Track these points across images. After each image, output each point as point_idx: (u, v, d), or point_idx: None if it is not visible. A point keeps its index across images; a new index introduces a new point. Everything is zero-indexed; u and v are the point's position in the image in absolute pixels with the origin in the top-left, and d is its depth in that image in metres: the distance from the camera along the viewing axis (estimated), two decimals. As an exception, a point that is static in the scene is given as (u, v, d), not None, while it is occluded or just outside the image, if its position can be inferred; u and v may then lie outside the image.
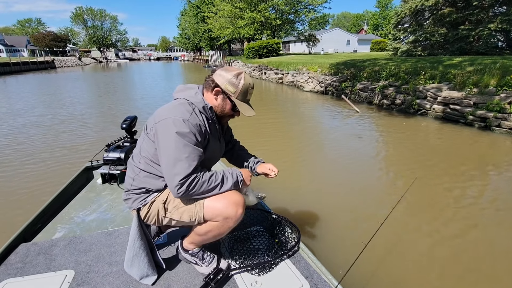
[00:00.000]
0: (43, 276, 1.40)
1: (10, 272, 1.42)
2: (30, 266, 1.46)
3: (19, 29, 74.18)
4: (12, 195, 3.20)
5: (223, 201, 1.24)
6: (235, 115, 1.40)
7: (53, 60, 39.55)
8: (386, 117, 7.05)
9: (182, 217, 1.30)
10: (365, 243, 1.53)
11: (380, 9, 60.50)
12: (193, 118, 1.21)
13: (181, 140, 1.16)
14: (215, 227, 1.29)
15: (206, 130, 1.28)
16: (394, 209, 1.92)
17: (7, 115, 7.71)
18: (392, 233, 2.43)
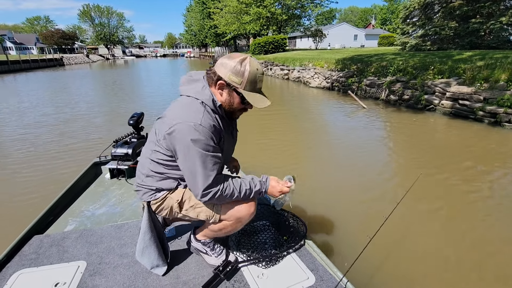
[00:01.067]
0: (57, 266, 1.44)
1: (25, 263, 1.46)
2: (43, 257, 1.50)
3: (28, 27, 75.31)
4: (24, 189, 3.28)
5: (238, 203, 1.29)
6: (248, 108, 1.25)
7: (62, 58, 40.08)
8: (394, 112, 6.97)
9: (199, 216, 1.33)
10: (370, 237, 1.54)
11: (389, 3, 59.23)
12: (206, 120, 1.12)
13: (197, 149, 1.09)
14: (228, 226, 1.33)
15: (220, 128, 1.20)
16: (400, 204, 1.91)
17: (17, 112, 7.87)
18: (397, 228, 2.43)
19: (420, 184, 2.94)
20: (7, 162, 4.22)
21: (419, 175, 2.51)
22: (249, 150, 4.41)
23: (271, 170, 3.59)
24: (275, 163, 4.01)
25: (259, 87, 1.19)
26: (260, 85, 1.19)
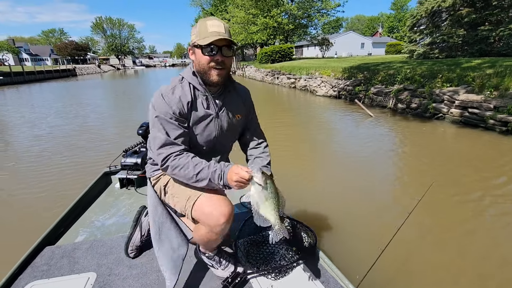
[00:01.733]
0: (67, 278, 1.46)
1: (36, 275, 1.47)
2: (55, 269, 1.52)
3: (43, 39, 78.20)
4: (36, 199, 3.36)
5: (210, 208, 1.19)
6: (215, 59, 1.16)
7: (74, 68, 41.36)
8: (401, 121, 6.91)
9: (175, 206, 1.33)
10: (382, 248, 1.51)
11: (396, 11, 59.46)
12: (173, 92, 1.19)
13: (156, 113, 1.17)
14: (203, 231, 1.25)
15: (192, 102, 1.22)
16: (412, 214, 1.87)
17: (29, 122, 8.13)
18: (410, 239, 2.39)
19: (432, 194, 2.90)
20: (19, 171, 4.34)
21: (431, 184, 2.47)
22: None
23: (274, 174, 3.55)
24: (280, 170, 4.00)
25: (211, 31, 1.13)
26: (212, 29, 1.13)
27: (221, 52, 1.15)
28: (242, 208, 2.23)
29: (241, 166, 1.12)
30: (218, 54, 1.15)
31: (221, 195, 1.27)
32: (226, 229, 1.22)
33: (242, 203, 2.29)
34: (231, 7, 28.52)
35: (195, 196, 1.24)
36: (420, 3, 15.16)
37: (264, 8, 24.80)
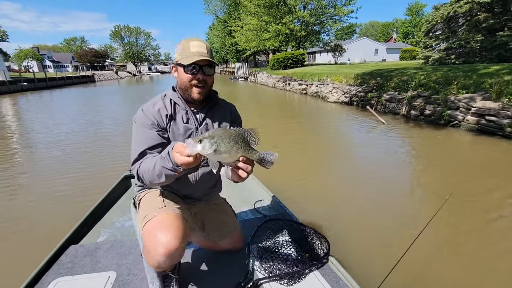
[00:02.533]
0: (90, 276, 1.52)
1: (62, 272, 1.55)
2: (78, 267, 1.59)
3: (65, 47, 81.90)
4: (60, 199, 3.48)
5: (155, 232, 1.13)
6: (197, 78, 1.21)
7: (93, 74, 42.98)
8: (415, 128, 6.76)
9: (137, 224, 1.32)
10: (398, 258, 1.46)
11: (411, 17, 58.54)
12: (153, 106, 1.25)
13: (135, 126, 1.24)
14: (146, 253, 1.19)
15: (171, 116, 1.25)
16: (429, 225, 1.82)
17: (49, 126, 8.50)
18: (427, 249, 2.32)
19: (451, 205, 2.82)
20: (43, 175, 4.54)
21: (450, 195, 2.41)
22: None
23: (288, 181, 3.60)
24: (292, 177, 4.00)
25: (192, 51, 1.18)
26: (194, 49, 1.18)
27: (202, 71, 1.20)
28: (255, 213, 2.26)
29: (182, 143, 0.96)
30: (200, 73, 1.20)
31: (179, 222, 1.18)
32: (164, 264, 1.11)
33: (256, 208, 2.31)
34: (244, 15, 28.96)
35: (151, 215, 1.20)
36: (435, 8, 14.91)
37: (276, 15, 25.05)
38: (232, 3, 39.39)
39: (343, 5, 24.50)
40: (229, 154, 0.94)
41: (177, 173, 1.02)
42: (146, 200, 1.33)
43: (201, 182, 1.41)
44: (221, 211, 1.63)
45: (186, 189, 1.40)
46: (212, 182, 1.50)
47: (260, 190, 2.64)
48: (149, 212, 1.23)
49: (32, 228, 2.84)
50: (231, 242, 1.64)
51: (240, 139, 0.97)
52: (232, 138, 0.95)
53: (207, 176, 1.42)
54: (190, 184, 1.38)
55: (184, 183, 1.37)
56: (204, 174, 1.39)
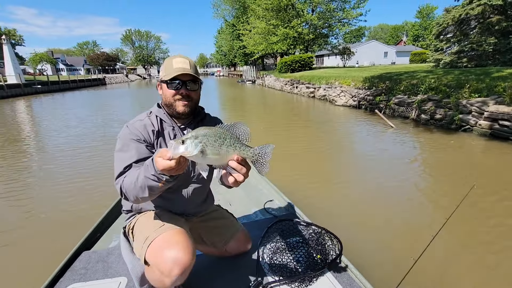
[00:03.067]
0: (102, 282, 1.53)
1: (75, 278, 1.56)
2: (91, 273, 1.60)
3: (78, 51, 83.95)
4: (73, 205, 3.51)
5: (165, 252, 1.09)
6: (180, 93, 1.21)
7: (104, 78, 43.92)
8: (425, 133, 6.61)
9: (135, 251, 1.24)
10: (415, 259, 1.42)
11: (421, 19, 57.78)
12: (138, 122, 1.23)
13: (118, 141, 1.21)
14: (154, 276, 1.14)
15: (159, 132, 1.24)
16: (445, 226, 1.76)
17: (61, 130, 8.68)
18: (445, 249, 2.26)
19: (465, 210, 2.74)
20: (55, 179, 4.62)
21: (472, 187, 2.34)
22: (278, 166, 4.42)
23: (297, 183, 3.54)
24: (303, 177, 3.95)
25: (175, 67, 1.18)
26: (176, 65, 1.19)
27: (185, 86, 1.20)
28: (265, 214, 2.23)
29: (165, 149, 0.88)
30: (183, 88, 1.20)
31: (185, 237, 1.16)
32: (179, 282, 1.09)
33: (266, 209, 2.30)
34: (252, 19, 29.13)
35: (153, 236, 1.15)
36: (446, 11, 14.66)
37: (284, 19, 25.10)
38: (241, 7, 39.71)
39: (352, 8, 24.38)
40: (218, 154, 0.84)
41: (160, 184, 0.94)
42: (140, 225, 1.28)
43: (192, 198, 1.37)
44: (217, 217, 1.60)
45: (178, 207, 1.36)
46: (203, 196, 1.46)
47: (270, 190, 2.61)
48: (150, 234, 1.16)
49: (44, 235, 2.86)
50: (237, 244, 1.58)
51: (227, 136, 0.86)
52: (219, 136, 0.84)
53: (198, 191, 1.39)
54: (181, 201, 1.35)
55: (175, 200, 1.34)
56: (195, 189, 1.36)
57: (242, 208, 2.35)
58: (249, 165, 0.92)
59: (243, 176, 0.90)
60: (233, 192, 2.64)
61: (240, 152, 0.88)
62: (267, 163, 0.91)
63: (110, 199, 2.48)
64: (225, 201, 2.45)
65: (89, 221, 2.12)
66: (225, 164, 0.88)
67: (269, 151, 0.91)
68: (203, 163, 0.87)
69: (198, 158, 0.83)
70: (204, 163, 0.86)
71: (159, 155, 0.86)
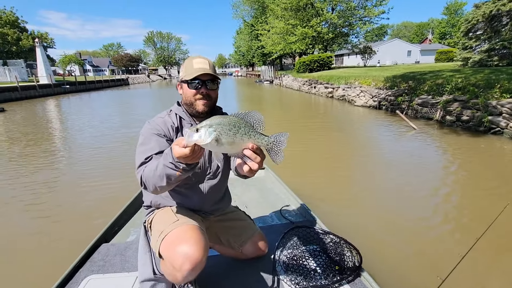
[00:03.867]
0: (119, 275, 1.56)
1: (94, 269, 1.60)
2: (109, 265, 1.64)
3: (104, 52, 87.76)
4: (92, 199, 3.66)
5: (177, 246, 1.11)
6: (201, 92, 1.25)
7: (127, 78, 45.60)
8: (450, 135, 6.29)
9: (152, 244, 1.28)
10: (442, 278, 1.32)
11: (448, 16, 55.08)
12: (159, 118, 1.29)
13: (141, 136, 1.26)
14: (167, 269, 1.16)
15: (178, 129, 1.29)
16: (479, 241, 1.62)
17: (85, 127, 9.10)
18: (475, 271, 2.10)
19: (503, 224, 2.56)
20: (77, 174, 4.85)
21: (506, 206, 2.18)
22: (294, 169, 4.38)
23: (315, 188, 3.50)
24: (321, 183, 3.90)
25: (195, 67, 1.24)
26: (196, 66, 1.24)
27: (205, 85, 1.25)
28: (282, 219, 2.19)
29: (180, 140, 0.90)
30: (203, 87, 1.24)
31: (198, 233, 1.17)
32: (190, 277, 1.09)
33: (282, 213, 2.25)
34: (271, 18, 29.09)
35: (168, 230, 1.18)
36: (476, 7, 13.87)
37: (303, 18, 24.82)
38: (260, 7, 39.77)
39: (374, 6, 23.67)
40: (232, 143, 0.84)
41: (177, 172, 0.96)
42: (157, 219, 1.32)
43: (209, 195, 1.39)
44: (235, 218, 1.61)
45: (194, 203, 1.38)
46: (219, 194, 1.48)
47: (286, 195, 2.57)
48: (164, 229, 1.20)
49: (64, 227, 3.01)
50: (254, 247, 1.58)
51: (242, 124, 0.86)
52: (233, 124, 0.84)
53: (215, 188, 1.40)
54: (198, 197, 1.37)
55: (192, 196, 1.36)
56: (211, 186, 1.38)
57: (258, 211, 2.32)
58: (263, 154, 0.92)
59: (258, 165, 0.90)
60: (249, 194, 2.63)
61: (255, 140, 0.87)
62: (281, 151, 0.91)
63: (129, 194, 2.55)
64: (241, 203, 2.42)
65: (108, 214, 2.18)
66: (239, 153, 0.88)
67: (284, 139, 0.90)
68: (218, 152, 0.88)
69: (213, 146, 0.83)
70: (218, 151, 0.87)
71: (176, 143, 0.89)
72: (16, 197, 3.75)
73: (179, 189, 1.33)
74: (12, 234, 2.88)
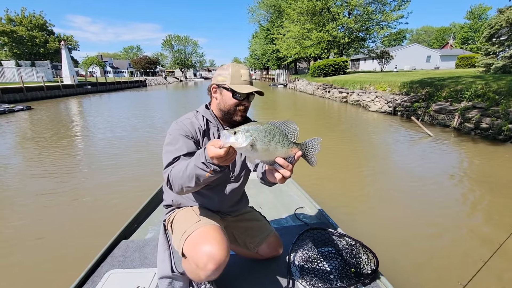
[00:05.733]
0: (139, 271, 1.61)
1: (114, 264, 1.67)
2: (128, 261, 1.70)
3: (124, 55, 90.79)
4: (113, 197, 3.78)
5: (201, 246, 1.13)
6: (243, 104, 1.26)
7: (145, 80, 46.92)
8: (467, 143, 6.12)
9: (174, 244, 1.29)
10: (463, 284, 1.30)
11: (471, 21, 53.25)
12: (187, 120, 1.28)
13: (168, 136, 1.25)
14: (190, 268, 1.19)
15: (205, 131, 1.29)
16: (502, 247, 1.61)
17: (105, 127, 9.46)
18: (498, 278, 2.05)
19: None
20: (100, 172, 5.08)
21: None
22: (309, 174, 4.41)
23: (329, 192, 3.50)
24: (336, 188, 3.92)
25: (243, 79, 1.24)
26: (245, 78, 1.24)
27: (247, 98, 1.26)
28: (296, 220, 2.21)
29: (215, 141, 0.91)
30: (245, 100, 1.25)
31: (220, 233, 1.19)
32: (213, 276, 1.12)
33: (296, 215, 2.27)
34: (286, 23, 29.19)
35: (191, 230, 1.20)
36: (500, 11, 13.41)
37: (319, 22, 24.75)
38: (276, 11, 39.99)
39: (392, 10, 23.27)
40: (266, 150, 0.86)
41: (207, 173, 0.97)
42: (178, 218, 1.34)
43: (229, 197, 1.42)
44: (251, 218, 1.62)
45: (214, 204, 1.41)
46: (238, 196, 1.50)
47: (301, 197, 2.57)
48: (187, 228, 1.22)
49: (85, 224, 3.13)
50: (269, 247, 1.59)
51: (277, 132, 0.89)
52: (269, 132, 0.87)
53: (235, 191, 1.43)
54: (218, 199, 1.40)
55: (212, 198, 1.39)
56: (232, 189, 1.41)
57: (272, 212, 2.34)
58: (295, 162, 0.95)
59: (290, 172, 0.93)
60: (263, 196, 2.66)
61: (288, 150, 0.91)
62: (315, 156, 0.96)
63: (147, 192, 2.63)
64: (256, 204, 2.43)
65: (127, 211, 2.25)
66: (272, 160, 0.91)
67: (316, 144, 0.95)
68: (251, 157, 0.90)
69: (247, 151, 0.85)
70: (252, 156, 0.89)
71: (211, 143, 0.91)
72: (47, 191, 3.99)
73: (201, 190, 1.34)
74: (40, 226, 3.04)
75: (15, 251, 2.58)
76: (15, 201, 3.65)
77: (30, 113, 12.74)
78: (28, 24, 32.98)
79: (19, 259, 2.46)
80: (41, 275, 2.28)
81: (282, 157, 0.90)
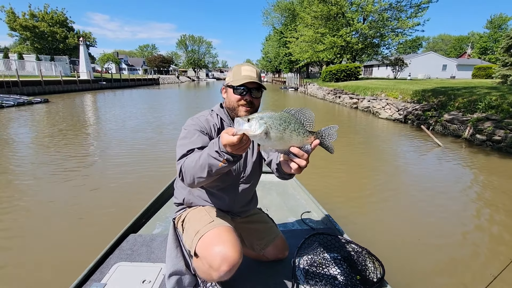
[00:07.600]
0: (145, 265, 1.64)
1: (122, 257, 1.70)
2: (136, 254, 1.73)
3: (139, 53, 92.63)
4: (123, 193, 3.87)
5: (215, 247, 1.13)
6: (245, 99, 1.27)
7: (158, 78, 47.78)
8: (478, 154, 5.99)
9: (186, 243, 1.31)
10: None
11: (491, 30, 51.93)
12: (202, 117, 1.32)
13: (183, 130, 1.28)
14: (203, 268, 1.19)
15: (219, 129, 1.32)
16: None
17: (117, 123, 9.70)
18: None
19: None
20: (116, 167, 5.23)
21: None
22: (316, 179, 4.42)
23: (336, 198, 3.44)
24: (343, 195, 3.92)
25: (243, 74, 1.26)
26: (244, 73, 1.26)
27: (250, 93, 1.27)
28: (302, 224, 2.21)
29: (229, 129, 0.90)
30: (247, 95, 1.27)
31: (234, 235, 1.21)
32: (225, 277, 1.12)
33: (303, 219, 2.27)
34: (300, 26, 29.20)
35: (204, 230, 1.22)
36: (520, 21, 13.05)
37: (333, 27, 24.65)
38: (290, 15, 40.07)
39: (408, 17, 22.95)
40: (281, 138, 0.83)
41: (220, 163, 0.97)
42: (190, 217, 1.35)
43: (239, 197, 1.44)
44: (259, 220, 1.64)
45: (225, 205, 1.43)
46: (249, 197, 1.51)
47: (308, 201, 2.57)
48: (200, 228, 1.22)
49: (95, 217, 3.20)
50: (276, 250, 1.61)
51: (292, 120, 0.86)
52: (284, 120, 0.84)
53: (246, 192, 1.45)
54: (229, 199, 1.42)
55: (224, 198, 1.41)
56: (243, 190, 1.43)
57: (278, 215, 2.34)
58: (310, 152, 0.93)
59: (306, 162, 0.91)
60: (270, 198, 2.67)
61: (303, 138, 0.87)
62: (331, 144, 0.93)
63: (157, 188, 2.68)
64: (262, 206, 2.41)
65: (136, 206, 2.30)
66: (286, 149, 0.88)
67: (333, 132, 0.92)
68: (265, 145, 0.86)
69: (261, 139, 0.82)
70: (266, 145, 0.86)
71: (225, 131, 0.90)
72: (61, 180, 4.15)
73: (212, 190, 1.37)
74: (51, 218, 3.14)
75: (28, 238, 2.68)
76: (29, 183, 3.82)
77: (47, 106, 13.19)
78: (49, 20, 34.19)
79: (31, 247, 2.54)
80: (51, 262, 2.35)
81: (297, 146, 0.87)
